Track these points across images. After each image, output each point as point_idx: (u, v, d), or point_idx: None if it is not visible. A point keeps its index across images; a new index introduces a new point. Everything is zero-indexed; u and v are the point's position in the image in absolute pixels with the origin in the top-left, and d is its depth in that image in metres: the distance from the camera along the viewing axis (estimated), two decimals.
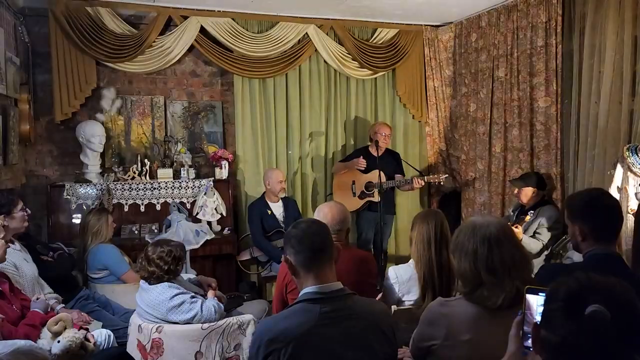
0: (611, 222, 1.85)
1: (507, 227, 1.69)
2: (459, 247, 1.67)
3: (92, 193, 4.14)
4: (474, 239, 1.63)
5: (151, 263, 2.52)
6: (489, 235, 1.61)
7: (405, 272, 2.52)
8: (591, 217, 1.83)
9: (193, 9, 4.47)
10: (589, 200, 1.89)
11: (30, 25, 4.22)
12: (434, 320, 1.68)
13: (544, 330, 1.02)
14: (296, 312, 1.64)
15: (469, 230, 1.66)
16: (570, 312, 0.98)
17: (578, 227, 1.85)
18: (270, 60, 4.73)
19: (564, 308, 0.99)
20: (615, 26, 3.45)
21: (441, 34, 5.18)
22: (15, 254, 2.82)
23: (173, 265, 2.54)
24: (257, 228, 4.24)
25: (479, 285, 1.60)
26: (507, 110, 4.44)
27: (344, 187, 4.61)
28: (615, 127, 3.47)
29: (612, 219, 1.85)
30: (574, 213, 1.90)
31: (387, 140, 4.54)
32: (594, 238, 1.82)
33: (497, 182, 4.58)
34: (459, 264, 1.67)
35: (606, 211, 1.84)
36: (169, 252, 2.53)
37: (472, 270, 1.61)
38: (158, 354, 2.44)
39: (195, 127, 4.77)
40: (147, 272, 2.53)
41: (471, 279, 1.62)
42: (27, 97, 4.02)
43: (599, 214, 1.83)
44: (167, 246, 2.57)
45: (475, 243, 1.62)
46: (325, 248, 1.71)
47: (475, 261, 1.61)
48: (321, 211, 2.47)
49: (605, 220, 1.83)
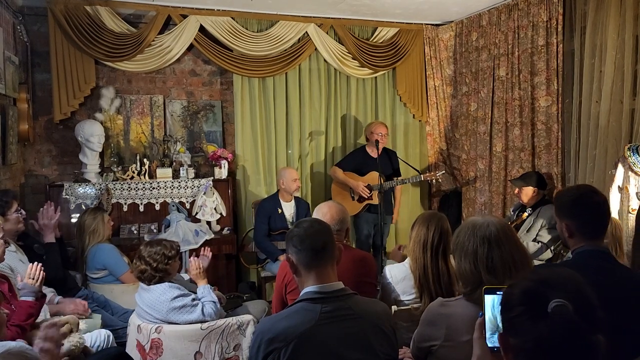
0: (598, 219, 1.84)
1: (507, 227, 1.68)
2: (459, 247, 1.67)
3: (91, 193, 4.13)
4: (474, 239, 1.62)
5: (141, 261, 2.52)
6: (488, 235, 1.60)
7: (399, 271, 2.51)
8: (579, 214, 1.83)
9: (192, 8, 4.45)
10: (578, 197, 1.88)
11: (29, 25, 4.21)
12: (434, 320, 1.68)
13: (513, 339, 1.00)
14: (297, 311, 1.64)
15: (469, 230, 1.66)
16: (533, 314, 0.96)
17: (565, 223, 1.86)
18: (270, 59, 4.72)
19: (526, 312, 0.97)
20: (616, 25, 3.44)
21: (442, 33, 5.17)
22: (11, 256, 2.76)
23: (162, 264, 2.52)
24: (261, 226, 4.16)
25: (479, 285, 1.59)
26: (508, 109, 4.44)
27: (342, 191, 4.56)
28: (616, 126, 3.46)
29: (599, 216, 1.84)
30: (562, 210, 1.89)
31: (385, 139, 4.50)
32: (581, 235, 1.82)
33: (498, 181, 4.57)
34: (459, 264, 1.67)
35: (594, 208, 1.83)
36: (158, 251, 2.53)
37: (472, 270, 1.61)
38: (157, 354, 2.43)
39: (195, 127, 4.76)
40: (138, 271, 2.53)
41: (471, 279, 1.62)
42: (26, 97, 4.01)
43: (586, 211, 1.82)
44: (157, 245, 2.57)
45: (475, 243, 1.61)
46: (327, 248, 1.70)
47: (475, 261, 1.60)
48: (320, 211, 2.45)
49: (593, 217, 1.82)
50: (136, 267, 2.54)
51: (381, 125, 4.54)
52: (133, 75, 4.56)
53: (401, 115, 5.35)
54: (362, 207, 4.46)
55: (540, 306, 0.95)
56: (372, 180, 4.39)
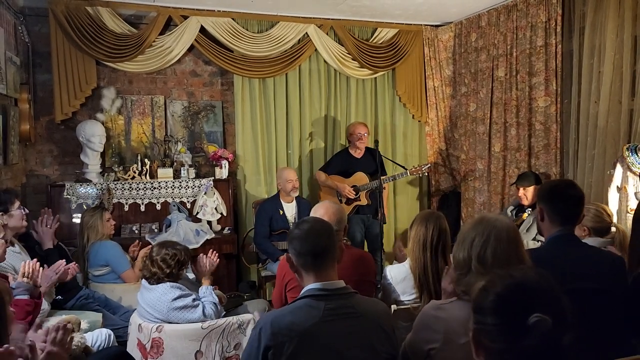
0: (569, 207, 2.02)
1: (513, 231, 1.66)
2: (461, 234, 1.69)
3: (92, 193, 4.14)
4: (476, 230, 1.64)
5: (154, 264, 2.51)
6: (491, 229, 1.61)
7: (399, 272, 2.52)
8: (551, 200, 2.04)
9: (193, 9, 4.47)
10: (554, 186, 2.16)
11: (30, 25, 4.23)
12: (430, 324, 1.67)
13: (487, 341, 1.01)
14: (301, 307, 1.64)
15: (475, 222, 1.68)
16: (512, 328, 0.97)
17: (540, 207, 2.07)
18: (270, 60, 4.73)
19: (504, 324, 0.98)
20: (615, 26, 3.46)
21: (441, 34, 5.19)
22: (15, 257, 2.77)
23: (176, 269, 2.53)
24: (261, 228, 4.14)
25: (468, 271, 1.61)
26: (507, 110, 4.45)
27: (329, 195, 4.51)
28: (614, 126, 3.47)
29: (571, 205, 2.02)
30: (540, 195, 2.13)
31: (365, 139, 4.43)
32: (550, 220, 2.03)
33: (496, 181, 4.58)
34: (456, 252, 1.68)
35: (567, 197, 2.02)
36: (173, 256, 2.52)
37: (464, 257, 1.63)
38: (158, 354, 2.44)
39: (195, 127, 4.78)
40: (149, 273, 2.52)
41: (462, 265, 1.63)
42: (27, 97, 4.02)
43: (559, 198, 2.02)
44: (172, 249, 2.55)
45: (475, 232, 1.63)
46: (328, 247, 1.70)
47: (470, 249, 1.62)
48: (317, 212, 2.41)
49: (565, 205, 2.01)
50: (146, 267, 2.53)
51: (360, 125, 4.51)
52: (134, 75, 4.58)
53: (400, 116, 5.36)
54: (350, 208, 4.44)
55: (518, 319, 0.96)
56: (359, 181, 4.39)
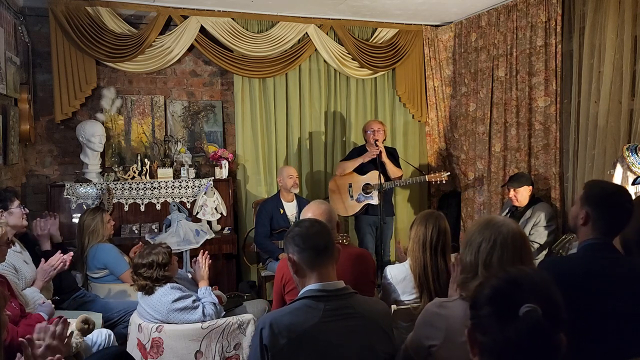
0: (618, 219, 1.81)
1: (520, 235, 1.65)
2: (468, 236, 1.69)
3: (92, 193, 4.15)
4: (483, 234, 1.64)
5: (140, 277, 2.54)
6: (497, 234, 1.61)
7: (399, 272, 2.52)
8: (602, 206, 1.80)
9: (193, 9, 4.47)
10: (611, 192, 1.86)
11: (30, 25, 4.23)
12: (432, 321, 1.67)
13: (481, 336, 1.02)
14: (300, 308, 1.64)
15: (482, 225, 1.67)
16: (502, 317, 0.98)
17: (585, 211, 1.83)
18: (270, 60, 4.74)
19: (495, 313, 1.00)
20: (615, 26, 3.46)
21: (441, 34, 5.19)
22: (16, 256, 2.76)
23: (161, 272, 2.53)
24: (262, 227, 4.14)
25: (474, 276, 1.61)
26: (507, 109, 4.45)
27: (340, 190, 4.50)
28: (615, 126, 3.47)
29: (620, 217, 1.81)
30: (589, 197, 1.86)
31: (377, 135, 4.37)
32: (594, 226, 1.80)
33: (496, 181, 4.58)
34: (463, 252, 1.68)
35: (621, 207, 1.81)
36: (150, 264, 2.52)
37: (471, 261, 1.63)
38: (158, 354, 2.44)
39: (195, 127, 4.78)
40: (139, 286, 2.55)
41: (469, 269, 1.64)
42: (27, 97, 4.02)
43: (612, 206, 1.80)
44: (147, 257, 2.54)
45: (482, 237, 1.63)
46: (328, 247, 1.72)
47: (477, 253, 1.62)
48: (307, 214, 2.34)
49: (616, 214, 1.80)
50: (136, 283, 2.55)
51: (374, 122, 4.50)
52: (134, 75, 4.58)
53: (401, 116, 5.37)
54: (361, 206, 4.45)
55: (510, 309, 0.97)
56: (372, 179, 4.39)
